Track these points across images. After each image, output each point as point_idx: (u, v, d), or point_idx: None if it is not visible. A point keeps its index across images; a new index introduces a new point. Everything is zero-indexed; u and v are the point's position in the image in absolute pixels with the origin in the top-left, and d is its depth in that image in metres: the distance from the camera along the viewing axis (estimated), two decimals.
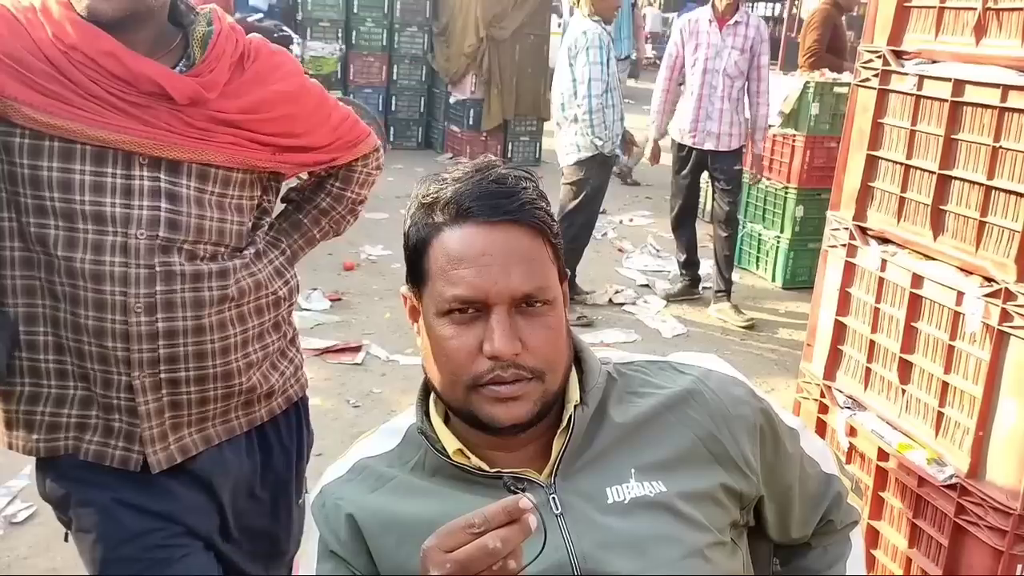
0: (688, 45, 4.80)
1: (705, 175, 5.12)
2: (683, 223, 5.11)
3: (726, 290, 4.95)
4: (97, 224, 1.35)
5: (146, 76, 1.35)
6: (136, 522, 1.44)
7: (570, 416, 1.03)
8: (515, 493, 0.82)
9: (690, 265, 5.17)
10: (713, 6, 4.77)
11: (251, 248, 1.52)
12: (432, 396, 1.10)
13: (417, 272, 1.03)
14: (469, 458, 1.03)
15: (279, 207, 1.68)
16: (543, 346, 0.99)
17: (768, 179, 5.53)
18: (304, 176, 1.70)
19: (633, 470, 1.03)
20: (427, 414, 1.08)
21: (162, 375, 1.41)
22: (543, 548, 0.87)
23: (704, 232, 5.50)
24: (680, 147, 4.94)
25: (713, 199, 5.11)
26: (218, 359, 1.45)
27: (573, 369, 1.08)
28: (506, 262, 0.97)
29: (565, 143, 4.65)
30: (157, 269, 1.38)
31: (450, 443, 1.04)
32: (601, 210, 6.79)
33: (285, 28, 7.56)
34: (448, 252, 0.98)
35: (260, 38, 1.56)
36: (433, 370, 1.03)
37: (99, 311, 1.37)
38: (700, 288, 5.21)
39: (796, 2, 9.10)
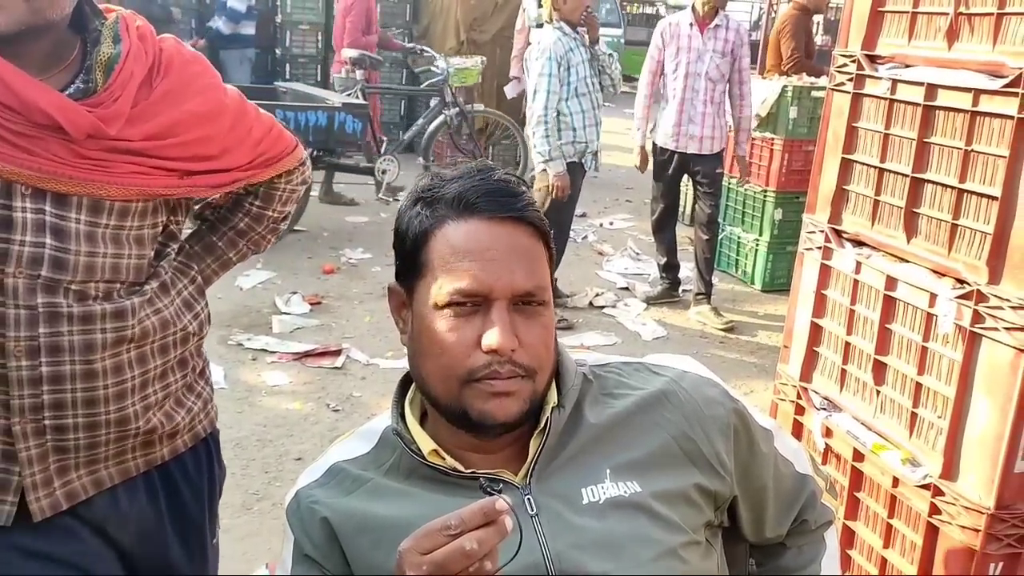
0: (668, 49, 4.82)
1: (686, 178, 5.15)
2: (664, 226, 5.13)
3: (706, 293, 4.97)
4: None
5: (39, 108, 1.17)
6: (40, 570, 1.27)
7: (547, 418, 1.03)
8: (491, 495, 0.82)
9: (670, 268, 5.19)
10: (693, 9, 4.79)
11: (154, 281, 1.34)
12: (408, 397, 1.10)
13: (413, 264, 1.03)
14: (444, 458, 1.03)
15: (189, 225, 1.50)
16: (537, 345, 1.00)
17: (747, 182, 5.57)
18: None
19: (608, 470, 1.04)
20: (402, 416, 1.08)
21: (46, 421, 1.24)
22: (519, 549, 0.87)
23: (684, 235, 5.53)
24: (662, 151, 4.95)
25: (694, 202, 5.13)
26: (112, 405, 1.29)
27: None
28: (510, 258, 0.99)
29: (533, 151, 4.66)
30: (40, 310, 1.21)
31: (425, 444, 1.04)
32: (581, 213, 6.85)
33: (428, 49, 7.42)
34: (452, 245, 0.99)
35: (174, 39, 1.37)
36: (425, 364, 1.02)
37: None
38: (680, 291, 5.23)
39: (774, 6, 9.16)
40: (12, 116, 1.18)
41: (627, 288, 5.40)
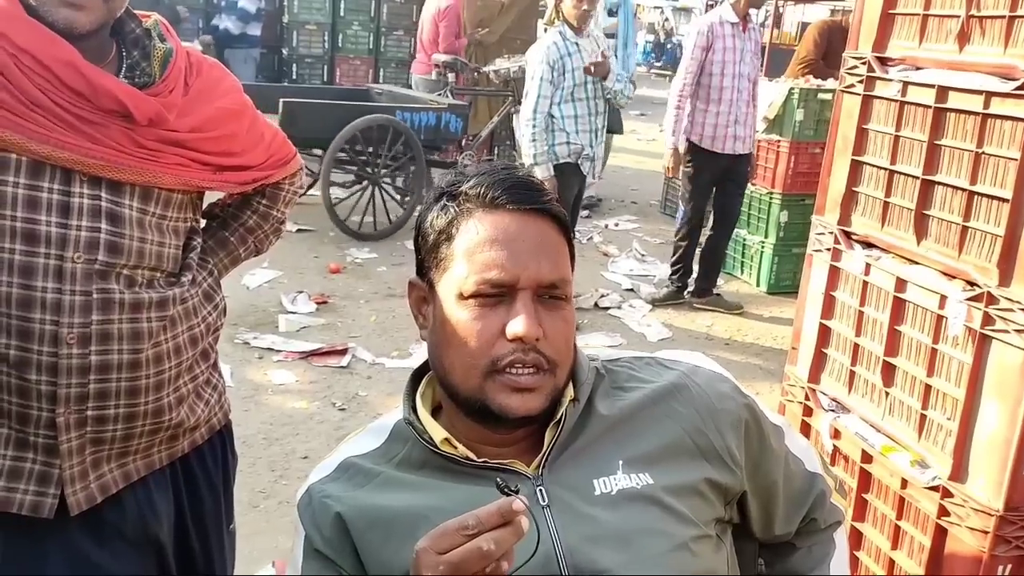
0: (714, 48, 4.69)
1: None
2: (697, 231, 5.04)
3: (709, 287, 5.04)
4: (28, 244, 1.22)
5: (109, 92, 1.25)
6: None
7: (563, 410, 1.04)
8: (507, 494, 0.82)
9: (687, 272, 5.15)
10: (735, 9, 4.72)
11: (188, 273, 1.41)
12: (419, 391, 1.10)
13: (436, 258, 1.04)
14: (456, 447, 1.03)
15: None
16: (559, 338, 1.01)
17: (753, 184, 5.57)
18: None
19: (620, 462, 1.04)
20: (414, 408, 1.08)
21: (89, 412, 1.28)
22: (536, 549, 0.87)
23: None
24: (707, 154, 4.82)
25: (722, 202, 5.06)
26: (151, 395, 1.34)
27: None
28: (536, 249, 1.00)
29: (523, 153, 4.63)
30: (94, 296, 1.26)
31: (437, 433, 1.04)
32: (586, 215, 6.86)
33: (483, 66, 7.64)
34: (479, 236, 1.00)
35: (192, 47, 1.47)
36: (448, 355, 1.03)
37: (24, 341, 1.23)
38: (686, 294, 5.23)
39: (781, 8, 9.16)
40: (79, 101, 1.24)
41: (632, 289, 5.39)
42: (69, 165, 1.24)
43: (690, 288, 5.21)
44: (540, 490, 1.01)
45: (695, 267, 5.21)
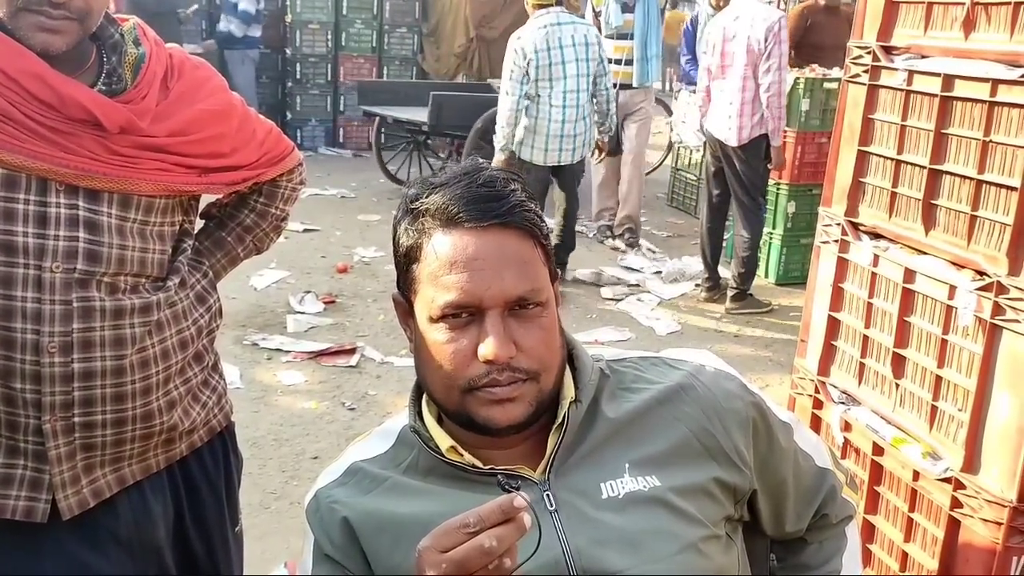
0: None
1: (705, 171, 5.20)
2: None
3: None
4: (7, 255, 1.23)
5: (76, 102, 1.25)
6: None
7: (565, 413, 1.03)
8: (509, 492, 0.82)
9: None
10: None
11: (175, 277, 1.40)
12: (425, 396, 1.10)
13: (408, 278, 1.03)
14: (462, 455, 1.03)
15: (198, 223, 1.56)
16: (537, 347, 1.00)
17: None
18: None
19: (627, 465, 1.03)
20: (419, 414, 1.08)
21: (76, 419, 1.29)
22: (538, 546, 0.87)
23: (694, 230, 5.52)
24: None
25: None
26: (138, 400, 1.34)
27: (567, 367, 1.08)
28: (498, 266, 0.97)
29: (584, 139, 4.67)
30: (74, 305, 1.26)
31: (443, 441, 1.04)
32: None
33: None
34: (439, 258, 0.98)
35: (178, 48, 1.46)
36: (428, 374, 1.03)
37: (7, 350, 1.24)
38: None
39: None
40: (49, 112, 1.24)
41: (638, 284, 5.38)
42: (42, 175, 1.24)
43: (697, 281, 5.21)
44: (547, 495, 1.01)
45: (689, 257, 5.28)
